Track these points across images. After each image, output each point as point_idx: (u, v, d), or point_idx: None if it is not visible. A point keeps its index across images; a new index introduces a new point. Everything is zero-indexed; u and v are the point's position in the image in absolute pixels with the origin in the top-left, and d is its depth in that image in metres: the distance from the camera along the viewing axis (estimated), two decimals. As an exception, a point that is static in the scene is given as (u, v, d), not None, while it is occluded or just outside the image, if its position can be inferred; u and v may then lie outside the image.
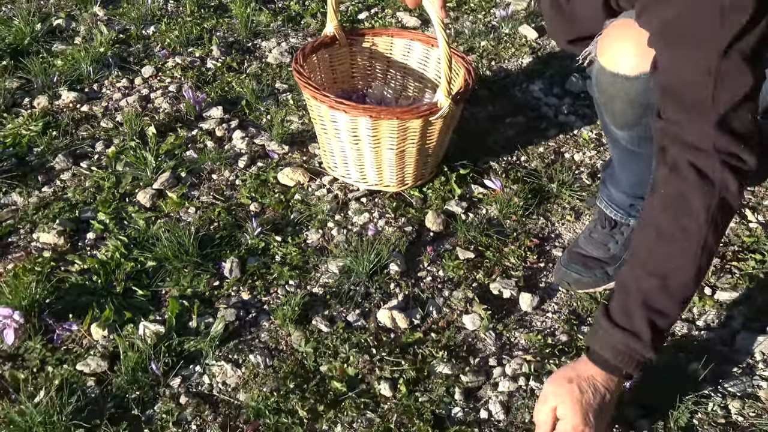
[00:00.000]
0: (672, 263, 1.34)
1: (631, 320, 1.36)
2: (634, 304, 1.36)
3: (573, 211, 2.13)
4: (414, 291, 1.89)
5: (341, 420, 1.60)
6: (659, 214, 1.34)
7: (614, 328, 1.37)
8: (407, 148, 2.04)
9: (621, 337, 1.36)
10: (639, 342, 1.35)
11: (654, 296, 1.35)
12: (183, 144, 2.37)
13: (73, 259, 1.95)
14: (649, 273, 1.35)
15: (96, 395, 1.64)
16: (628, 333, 1.36)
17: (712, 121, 1.26)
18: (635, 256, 1.40)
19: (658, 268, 1.34)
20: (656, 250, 1.35)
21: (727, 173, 1.28)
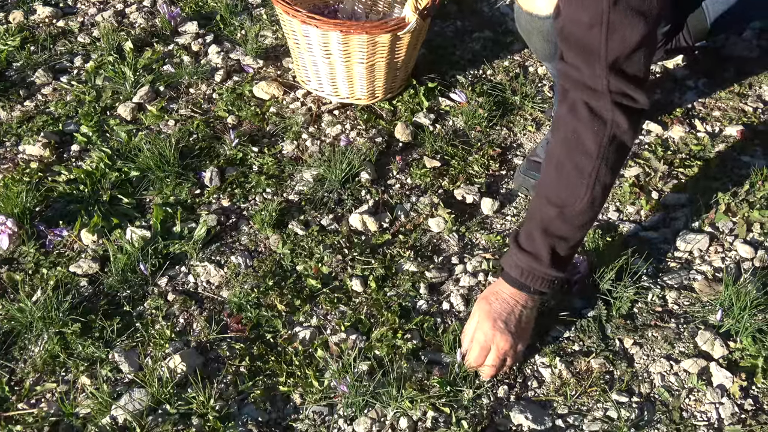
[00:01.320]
0: (568, 194, 1.47)
1: (533, 243, 1.52)
2: (536, 229, 1.51)
3: (534, 122, 2.26)
4: (383, 197, 2.02)
5: (316, 313, 1.75)
6: (558, 150, 1.46)
7: (520, 251, 1.54)
8: (377, 62, 2.14)
9: (524, 259, 1.53)
10: (539, 263, 1.52)
11: (552, 223, 1.50)
12: (160, 59, 2.44)
13: (59, 170, 2.05)
14: (550, 202, 1.49)
15: (89, 294, 1.78)
16: (530, 255, 1.53)
17: (605, 64, 1.35)
18: (540, 186, 1.54)
19: (556, 198, 1.48)
20: (554, 182, 1.48)
21: (617, 112, 1.38)
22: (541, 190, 1.52)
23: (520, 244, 1.55)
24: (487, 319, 1.58)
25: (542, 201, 1.51)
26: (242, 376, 1.62)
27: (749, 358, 1.63)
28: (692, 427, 1.53)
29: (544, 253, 1.51)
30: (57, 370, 1.63)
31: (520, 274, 1.55)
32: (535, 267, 1.53)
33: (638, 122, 1.45)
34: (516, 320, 1.58)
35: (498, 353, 1.57)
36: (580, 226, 1.51)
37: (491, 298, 1.60)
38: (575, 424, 1.55)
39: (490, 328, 1.57)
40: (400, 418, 1.54)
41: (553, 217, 1.48)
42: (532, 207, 1.54)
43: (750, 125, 2.21)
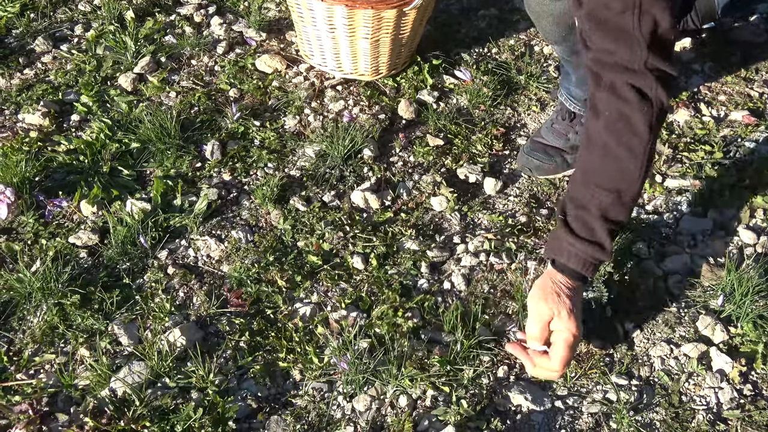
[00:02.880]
0: (624, 178, 1.43)
1: (593, 233, 1.46)
2: (594, 218, 1.46)
3: (539, 102, 2.24)
4: (386, 174, 2.01)
5: (317, 289, 1.74)
6: (605, 136, 1.43)
7: (580, 242, 1.47)
8: (381, 37, 2.11)
9: (587, 249, 1.47)
10: (602, 251, 1.47)
11: (611, 209, 1.45)
12: (162, 29, 2.41)
13: (59, 140, 2.03)
14: (603, 188, 1.44)
15: (89, 265, 1.77)
16: (593, 245, 1.46)
17: (644, 45, 1.35)
18: (588, 174, 1.48)
19: (612, 184, 1.44)
20: (605, 167, 1.44)
21: (660, 89, 1.38)
22: (587, 176, 1.47)
23: (578, 235, 1.47)
24: (573, 321, 1.46)
25: (592, 188, 1.45)
26: (242, 351, 1.62)
27: (749, 343, 1.63)
28: (691, 411, 1.53)
29: (607, 242, 1.46)
30: (56, 341, 1.63)
31: (583, 266, 1.48)
32: (597, 256, 1.46)
33: (672, 92, 1.46)
34: (580, 308, 1.50)
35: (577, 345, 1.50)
36: (632, 208, 1.50)
37: (570, 295, 1.48)
38: (574, 405, 1.55)
39: (576, 329, 1.46)
40: (400, 396, 1.54)
41: (610, 203, 1.44)
42: (581, 198, 1.47)
43: (755, 110, 2.19)
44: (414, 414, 1.53)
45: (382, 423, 1.52)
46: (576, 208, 1.47)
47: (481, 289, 1.75)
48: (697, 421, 1.52)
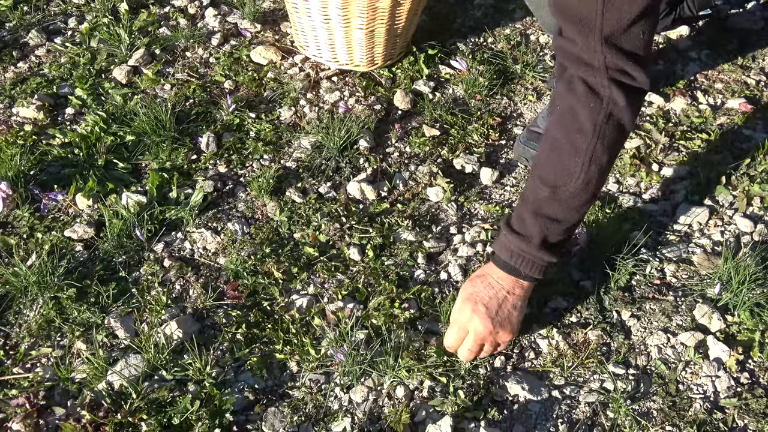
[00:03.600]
0: (562, 173, 1.40)
1: (524, 225, 1.45)
2: (528, 211, 1.44)
3: (535, 92, 2.23)
4: (382, 165, 2.00)
5: (313, 281, 1.74)
6: (554, 128, 1.41)
7: (511, 233, 1.47)
8: (377, 27, 2.10)
9: (515, 241, 1.46)
10: (530, 245, 1.44)
11: (545, 204, 1.42)
12: (156, 21, 2.40)
13: (54, 133, 2.02)
14: (543, 182, 1.42)
15: (84, 259, 1.76)
16: (521, 237, 1.45)
17: (601, 39, 1.29)
18: (534, 165, 1.47)
19: (549, 178, 1.41)
20: (549, 161, 1.42)
21: (614, 89, 1.32)
22: (535, 169, 1.46)
23: (511, 226, 1.48)
24: (467, 301, 1.52)
25: (536, 181, 1.44)
26: (239, 343, 1.62)
27: (746, 332, 1.63)
28: (688, 400, 1.53)
29: (536, 236, 1.44)
30: (52, 334, 1.62)
31: (510, 257, 1.47)
32: (525, 249, 1.45)
33: (637, 102, 1.39)
34: (498, 306, 1.50)
35: (475, 338, 1.51)
36: (575, 208, 1.44)
37: (477, 280, 1.53)
38: (571, 395, 1.55)
39: (469, 311, 1.51)
40: (397, 387, 1.54)
41: (545, 198, 1.42)
42: (526, 188, 1.47)
43: (752, 98, 2.19)
44: (411, 404, 1.53)
45: (380, 414, 1.52)
46: (519, 199, 1.47)
47: (478, 280, 1.75)
48: (694, 409, 1.52)
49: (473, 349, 1.54)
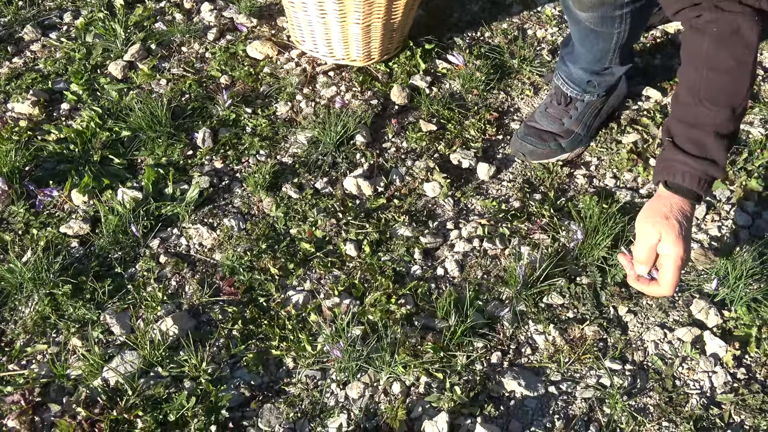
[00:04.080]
0: (735, 91, 1.41)
1: (705, 149, 1.44)
2: (706, 135, 1.43)
3: (532, 87, 2.22)
4: (378, 160, 1.99)
5: (310, 277, 1.74)
6: (713, 50, 1.41)
7: (694, 159, 1.44)
8: (373, 22, 2.10)
9: (701, 166, 1.44)
10: (716, 167, 1.44)
11: (725, 124, 1.43)
12: (151, 16, 2.39)
13: (49, 129, 2.02)
14: (716, 104, 1.42)
15: (80, 255, 1.76)
16: (707, 161, 1.44)
17: None
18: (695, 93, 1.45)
19: (723, 99, 1.42)
20: (720, 83, 1.42)
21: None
22: (698, 95, 1.44)
23: (690, 153, 1.44)
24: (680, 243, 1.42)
25: (704, 106, 1.43)
26: (235, 340, 1.61)
27: (743, 327, 1.63)
28: (685, 396, 1.53)
29: (721, 157, 1.44)
30: (48, 331, 1.62)
31: (698, 183, 1.44)
32: (711, 173, 1.44)
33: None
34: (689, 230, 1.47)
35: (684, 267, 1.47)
36: (742, 119, 1.47)
37: (679, 217, 1.44)
38: (568, 390, 1.55)
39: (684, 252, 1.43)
40: (393, 383, 1.54)
41: (725, 119, 1.42)
42: (690, 114, 1.45)
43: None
44: (407, 401, 1.52)
45: (376, 410, 1.51)
46: (687, 127, 1.45)
47: (475, 275, 1.74)
48: (691, 405, 1.52)
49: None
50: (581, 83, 1.98)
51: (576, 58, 1.95)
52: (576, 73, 1.97)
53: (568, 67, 1.98)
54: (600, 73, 1.95)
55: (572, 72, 1.98)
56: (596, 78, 1.95)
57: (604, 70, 1.94)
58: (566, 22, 2.43)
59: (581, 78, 1.97)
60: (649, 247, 1.45)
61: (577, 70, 1.96)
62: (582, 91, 1.99)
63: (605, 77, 1.96)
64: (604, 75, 1.95)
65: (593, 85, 1.97)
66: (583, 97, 2.00)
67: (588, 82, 1.97)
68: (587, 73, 1.95)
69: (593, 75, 1.95)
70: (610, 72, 1.95)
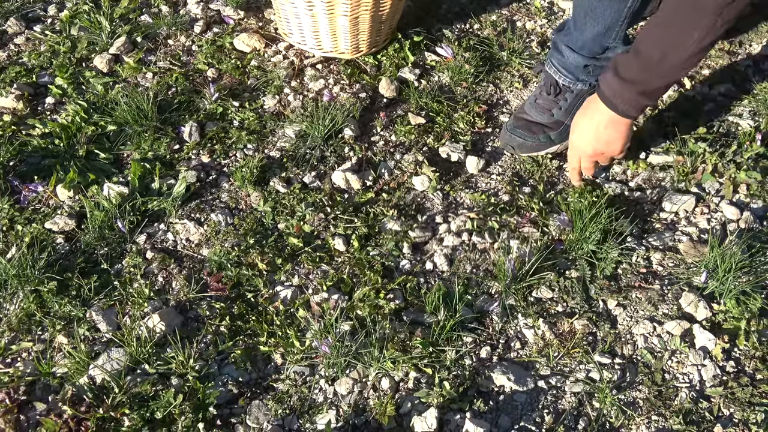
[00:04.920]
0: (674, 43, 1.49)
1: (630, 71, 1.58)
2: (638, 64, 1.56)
3: (522, 79, 2.21)
4: (367, 154, 1.98)
5: (298, 272, 1.72)
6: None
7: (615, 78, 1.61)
8: (361, 14, 2.08)
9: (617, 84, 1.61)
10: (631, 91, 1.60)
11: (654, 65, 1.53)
12: (137, 8, 2.36)
13: (33, 123, 1.99)
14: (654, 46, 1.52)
15: (66, 251, 1.74)
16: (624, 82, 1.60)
17: None
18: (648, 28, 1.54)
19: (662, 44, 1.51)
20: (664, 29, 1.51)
21: None
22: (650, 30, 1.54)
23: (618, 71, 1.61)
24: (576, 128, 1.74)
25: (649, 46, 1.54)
26: (222, 336, 1.60)
27: (732, 320, 1.63)
28: (674, 389, 1.53)
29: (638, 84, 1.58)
30: (33, 328, 1.60)
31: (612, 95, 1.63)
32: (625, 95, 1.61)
33: None
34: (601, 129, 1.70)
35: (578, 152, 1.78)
36: (678, 72, 1.57)
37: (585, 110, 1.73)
38: (557, 385, 1.54)
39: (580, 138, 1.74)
40: (382, 379, 1.53)
41: (657, 61, 1.53)
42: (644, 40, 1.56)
43: (739, 84, 2.18)
44: (396, 396, 1.52)
45: (365, 406, 1.51)
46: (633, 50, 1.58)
47: (464, 269, 1.73)
48: (680, 398, 1.51)
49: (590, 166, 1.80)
50: (576, 70, 1.95)
51: (574, 40, 1.91)
52: (571, 58, 1.93)
53: (563, 53, 1.95)
54: (598, 56, 1.91)
55: (567, 58, 1.94)
56: (593, 63, 1.92)
57: (603, 53, 1.90)
58: (556, 14, 2.42)
59: (577, 64, 1.93)
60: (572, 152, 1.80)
61: (574, 55, 1.92)
62: (575, 79, 1.96)
63: (601, 62, 1.93)
64: (600, 60, 1.92)
65: (588, 72, 1.94)
66: (574, 87, 1.97)
67: (585, 67, 1.93)
68: (584, 57, 1.92)
69: (591, 59, 1.92)
70: (607, 57, 1.92)
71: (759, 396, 1.51)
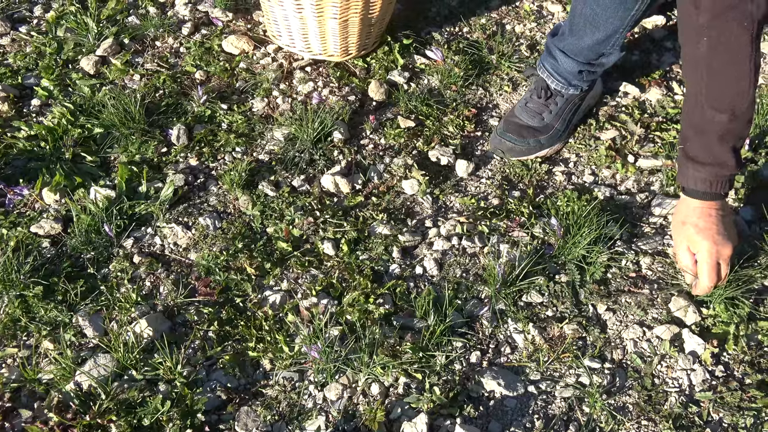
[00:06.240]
0: (734, 94, 1.47)
1: (712, 154, 1.55)
2: (711, 140, 1.54)
3: (511, 82, 2.21)
4: (356, 158, 1.97)
5: (287, 276, 1.71)
6: (710, 57, 1.45)
7: (701, 166, 1.57)
8: (350, 17, 2.07)
9: (710, 170, 1.57)
10: (725, 167, 1.56)
11: (727, 128, 1.51)
12: (124, 9, 2.34)
13: (19, 125, 1.97)
14: (718, 110, 1.49)
15: (52, 255, 1.72)
16: (716, 165, 1.56)
17: None
18: (698, 98, 1.51)
19: (725, 104, 1.49)
20: (717, 88, 1.48)
21: None
22: (702, 100, 1.51)
23: (697, 160, 1.57)
24: (703, 239, 1.59)
25: (708, 112, 1.50)
26: (211, 341, 1.59)
27: (721, 324, 1.63)
28: (663, 394, 1.53)
29: (730, 158, 1.55)
30: (18, 334, 1.58)
31: (710, 186, 1.58)
32: (723, 173, 1.57)
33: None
34: (724, 225, 1.61)
35: (725, 263, 1.62)
36: (749, 121, 1.53)
37: (694, 218, 1.61)
38: (547, 390, 1.54)
39: (711, 245, 1.59)
40: (372, 384, 1.53)
41: (726, 122, 1.50)
42: (697, 122, 1.54)
43: (727, 88, 2.18)
44: (386, 402, 1.51)
45: (354, 412, 1.50)
46: (695, 133, 1.56)
47: (454, 274, 1.73)
48: (670, 403, 1.52)
49: (726, 273, 1.63)
50: (569, 75, 1.94)
51: (570, 45, 1.90)
52: (566, 63, 1.93)
53: (556, 57, 1.94)
54: (593, 62, 1.91)
55: (561, 63, 1.94)
56: (587, 69, 1.93)
57: (598, 59, 1.90)
58: (545, 17, 2.42)
59: (571, 69, 1.93)
60: (683, 252, 1.64)
61: (569, 60, 1.92)
62: (567, 84, 1.96)
63: (595, 68, 1.93)
64: (595, 65, 1.92)
65: (581, 77, 1.94)
66: (566, 91, 1.97)
67: (579, 73, 1.93)
68: (579, 62, 1.91)
69: (586, 65, 1.92)
70: (601, 63, 1.92)
71: (748, 400, 1.51)
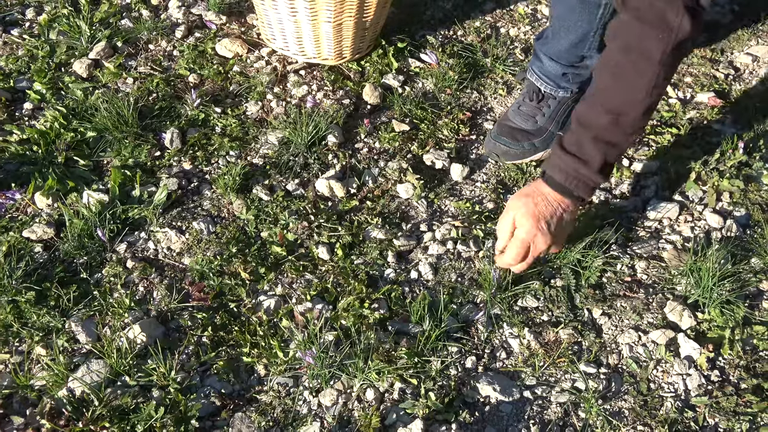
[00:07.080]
0: (626, 101, 1.46)
1: (582, 150, 1.52)
2: (586, 136, 1.51)
3: (505, 86, 2.21)
4: (351, 161, 1.97)
5: (281, 281, 1.71)
6: (618, 57, 1.45)
7: (566, 155, 1.53)
8: (344, 21, 2.06)
9: (571, 163, 1.53)
10: (587, 168, 1.52)
11: (606, 130, 1.50)
12: (117, 12, 2.33)
13: (11, 129, 1.96)
14: (605, 110, 1.48)
15: (44, 260, 1.71)
16: (578, 160, 1.52)
17: None
18: (594, 95, 1.52)
19: (613, 106, 1.48)
20: (613, 89, 1.47)
21: (686, 17, 1.37)
22: (595, 96, 1.51)
23: (567, 149, 1.54)
24: (530, 218, 1.56)
25: (596, 108, 1.49)
26: (204, 347, 1.58)
27: (717, 329, 1.63)
28: (659, 399, 1.53)
29: (596, 160, 1.52)
30: (10, 340, 1.57)
31: (566, 178, 1.55)
32: (582, 172, 1.53)
33: (699, 27, 1.42)
34: (557, 223, 1.58)
35: (535, 252, 1.59)
36: (632, 134, 1.51)
37: (537, 198, 1.58)
38: (543, 395, 1.54)
39: (532, 227, 1.56)
40: (367, 390, 1.52)
41: (606, 124, 1.48)
42: (582, 113, 1.52)
43: (721, 92, 2.19)
44: (381, 407, 1.50)
45: (349, 417, 1.49)
46: (577, 125, 1.53)
47: (449, 278, 1.72)
48: (666, 408, 1.51)
49: (530, 263, 1.62)
50: (555, 77, 1.95)
51: (552, 48, 1.91)
52: (550, 66, 1.94)
53: (542, 61, 1.95)
54: (576, 65, 1.92)
55: (546, 66, 1.95)
56: (571, 71, 1.93)
57: (581, 61, 1.91)
58: (539, 20, 2.42)
59: (556, 71, 1.94)
60: (507, 220, 1.60)
61: (552, 63, 1.93)
62: (556, 86, 1.96)
63: (580, 70, 1.93)
64: (579, 68, 1.93)
65: (567, 79, 1.95)
66: (556, 93, 1.98)
67: (563, 75, 1.94)
68: (562, 65, 1.92)
69: (569, 68, 1.92)
70: (585, 65, 1.92)
71: (744, 405, 1.51)
